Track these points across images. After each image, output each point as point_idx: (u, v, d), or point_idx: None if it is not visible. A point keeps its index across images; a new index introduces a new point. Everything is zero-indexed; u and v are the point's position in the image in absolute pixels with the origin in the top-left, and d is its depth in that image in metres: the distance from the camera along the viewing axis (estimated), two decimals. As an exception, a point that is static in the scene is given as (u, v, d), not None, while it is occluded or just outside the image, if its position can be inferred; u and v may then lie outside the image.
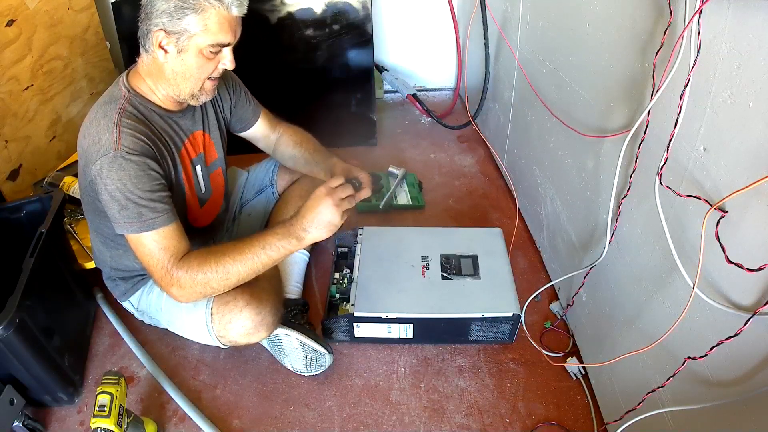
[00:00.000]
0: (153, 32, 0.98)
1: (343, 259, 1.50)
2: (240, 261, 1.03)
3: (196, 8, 0.95)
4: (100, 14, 1.97)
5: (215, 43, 1.00)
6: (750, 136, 0.66)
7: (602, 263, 1.07)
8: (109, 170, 0.96)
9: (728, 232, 0.69)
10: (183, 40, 0.98)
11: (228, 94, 1.29)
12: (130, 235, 1.01)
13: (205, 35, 0.98)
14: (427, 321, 1.26)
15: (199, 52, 1.01)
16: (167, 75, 1.04)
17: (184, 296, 1.03)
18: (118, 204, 0.98)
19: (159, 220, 1.00)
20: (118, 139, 0.97)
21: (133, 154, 0.98)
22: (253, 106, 1.35)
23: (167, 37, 0.98)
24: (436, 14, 2.32)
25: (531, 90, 1.47)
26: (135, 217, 0.98)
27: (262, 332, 1.15)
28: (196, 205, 1.23)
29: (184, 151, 1.16)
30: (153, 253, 1.01)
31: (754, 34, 0.63)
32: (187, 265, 1.01)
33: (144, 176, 0.99)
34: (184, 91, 1.07)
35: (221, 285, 1.04)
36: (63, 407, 1.21)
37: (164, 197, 1.02)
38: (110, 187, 0.97)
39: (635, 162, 0.92)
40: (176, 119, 1.13)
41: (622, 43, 0.96)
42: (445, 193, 1.90)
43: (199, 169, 1.22)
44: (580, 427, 1.15)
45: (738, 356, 0.70)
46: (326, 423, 1.18)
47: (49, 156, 1.76)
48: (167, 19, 0.96)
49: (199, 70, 1.03)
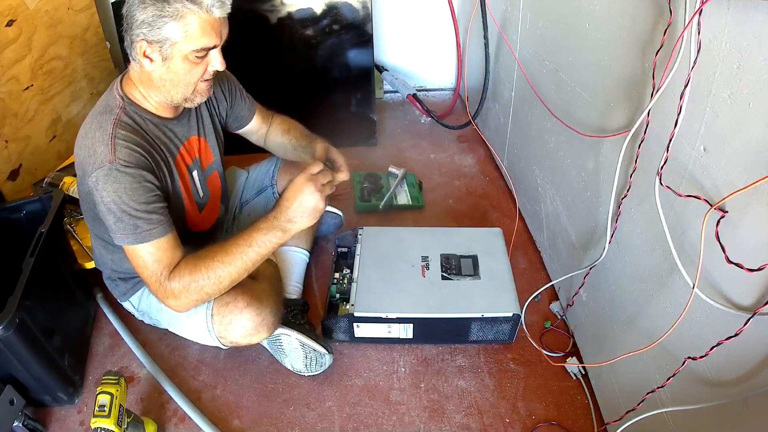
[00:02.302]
0: (136, 42, 0.97)
1: (343, 259, 1.50)
2: (229, 263, 1.03)
3: (175, 15, 0.93)
4: (100, 14, 1.96)
5: (199, 48, 0.97)
6: (750, 136, 0.66)
7: (602, 263, 1.07)
8: (105, 182, 0.96)
9: (728, 232, 0.69)
10: (166, 48, 0.96)
11: (224, 95, 1.28)
12: (125, 247, 1.01)
13: (187, 41, 0.96)
14: (427, 321, 1.26)
15: (184, 58, 0.98)
16: (156, 82, 1.03)
17: (181, 306, 1.03)
18: (114, 216, 0.97)
19: (154, 232, 0.99)
20: (113, 151, 0.97)
21: (128, 166, 0.97)
22: (248, 103, 1.35)
23: (150, 46, 0.97)
24: (436, 14, 2.32)
25: (531, 90, 1.47)
26: (131, 229, 0.98)
27: (263, 333, 1.15)
28: (195, 210, 1.23)
29: (180, 159, 1.15)
30: (147, 265, 1.01)
31: (754, 34, 0.63)
32: (179, 275, 1.01)
33: (139, 188, 0.98)
34: (176, 97, 1.06)
35: (215, 289, 1.04)
36: (63, 407, 1.21)
37: (159, 208, 1.01)
38: (106, 200, 0.97)
39: (635, 162, 0.92)
40: (171, 126, 1.13)
41: (622, 43, 0.96)
42: (445, 193, 1.90)
43: (196, 174, 1.21)
44: (580, 427, 1.15)
45: (738, 356, 0.70)
46: (326, 423, 1.18)
47: (49, 156, 1.76)
48: (147, 29, 0.94)
49: (187, 75, 1.01)
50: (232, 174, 1.53)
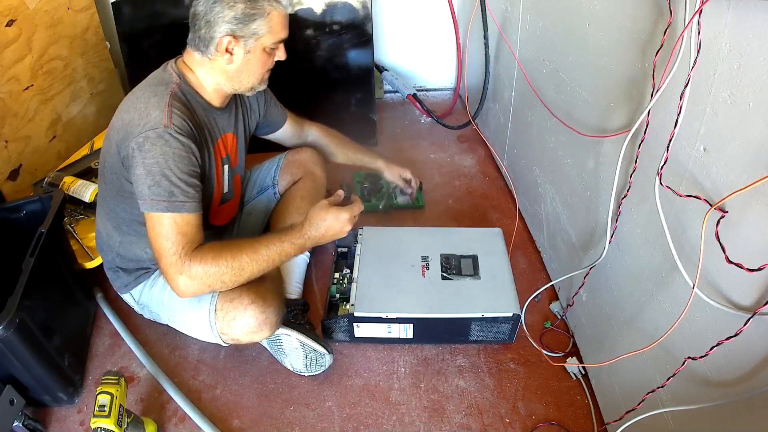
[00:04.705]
0: (219, 38, 1.03)
1: (343, 259, 1.50)
2: (255, 260, 1.06)
3: (263, 12, 1.03)
4: (100, 14, 1.97)
5: (278, 41, 1.09)
6: (750, 136, 0.66)
7: (602, 263, 1.07)
8: (153, 143, 0.97)
9: (728, 232, 0.69)
10: (251, 42, 1.06)
11: (257, 106, 1.33)
12: (151, 214, 1.00)
13: (270, 35, 1.06)
14: (427, 321, 1.26)
15: (263, 51, 1.08)
16: (230, 74, 1.10)
17: (190, 288, 1.01)
18: (152, 179, 0.98)
19: (188, 206, 1.00)
20: (169, 117, 1.00)
21: (181, 134, 1.00)
22: (279, 109, 1.41)
23: (235, 40, 1.04)
24: (436, 14, 2.32)
25: (531, 90, 1.47)
26: (165, 196, 0.98)
27: (265, 331, 1.15)
28: (218, 202, 1.25)
29: (217, 148, 1.18)
30: (170, 236, 0.99)
31: (754, 34, 0.63)
32: (201, 256, 1.01)
33: (186, 158, 1.01)
34: (245, 85, 1.14)
35: (232, 280, 1.05)
36: (63, 407, 1.21)
37: (197, 185, 1.04)
38: (149, 161, 0.97)
39: (635, 162, 0.92)
40: (215, 116, 1.17)
41: (622, 43, 0.96)
42: (445, 193, 1.90)
43: (226, 169, 1.24)
44: (580, 427, 1.15)
45: (738, 356, 0.70)
46: (326, 423, 1.18)
47: (49, 156, 1.76)
48: (237, 24, 1.02)
49: (262, 66, 1.12)
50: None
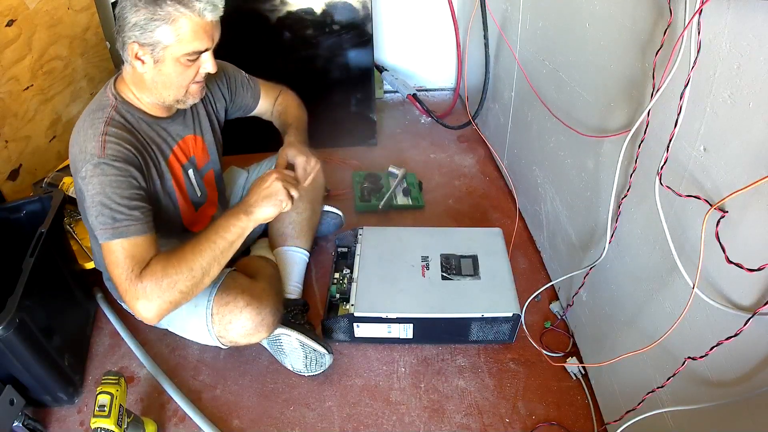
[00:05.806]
0: (128, 44, 0.97)
1: (343, 259, 1.50)
2: (199, 252, 1.00)
3: (167, 18, 0.93)
4: (100, 14, 1.96)
5: (191, 52, 0.98)
6: (750, 136, 0.66)
7: (602, 263, 1.07)
8: (92, 175, 0.96)
9: (728, 232, 0.69)
10: (158, 51, 0.97)
11: (221, 93, 1.27)
12: (103, 244, 0.97)
13: (179, 45, 0.96)
14: (427, 321, 1.26)
15: (176, 61, 0.99)
16: (148, 84, 1.03)
17: (152, 309, 0.96)
18: (97, 210, 0.96)
19: (133, 228, 0.97)
20: (102, 148, 0.97)
21: (116, 160, 0.97)
22: (252, 91, 1.34)
23: (141, 48, 0.97)
24: (436, 14, 2.32)
25: (531, 90, 1.47)
26: (110, 223, 0.96)
27: (263, 332, 1.15)
28: (191, 209, 1.23)
29: (173, 158, 1.15)
30: (119, 263, 0.96)
31: (754, 34, 0.63)
32: (151, 271, 0.96)
33: (124, 182, 0.98)
34: (168, 99, 1.06)
35: (189, 285, 0.99)
36: (63, 407, 1.21)
37: (141, 207, 1.00)
38: (91, 192, 0.96)
39: (635, 162, 0.92)
40: (164, 125, 1.13)
41: (622, 43, 0.96)
42: (445, 193, 1.89)
43: (192, 173, 1.21)
44: (580, 427, 1.15)
45: (738, 356, 0.70)
46: (326, 423, 1.18)
47: (49, 156, 1.76)
48: (139, 31, 0.94)
49: (179, 77, 1.02)
50: (232, 174, 1.53)
